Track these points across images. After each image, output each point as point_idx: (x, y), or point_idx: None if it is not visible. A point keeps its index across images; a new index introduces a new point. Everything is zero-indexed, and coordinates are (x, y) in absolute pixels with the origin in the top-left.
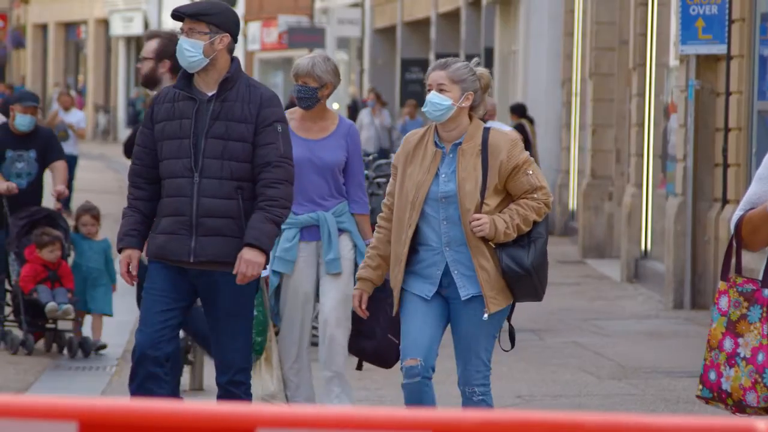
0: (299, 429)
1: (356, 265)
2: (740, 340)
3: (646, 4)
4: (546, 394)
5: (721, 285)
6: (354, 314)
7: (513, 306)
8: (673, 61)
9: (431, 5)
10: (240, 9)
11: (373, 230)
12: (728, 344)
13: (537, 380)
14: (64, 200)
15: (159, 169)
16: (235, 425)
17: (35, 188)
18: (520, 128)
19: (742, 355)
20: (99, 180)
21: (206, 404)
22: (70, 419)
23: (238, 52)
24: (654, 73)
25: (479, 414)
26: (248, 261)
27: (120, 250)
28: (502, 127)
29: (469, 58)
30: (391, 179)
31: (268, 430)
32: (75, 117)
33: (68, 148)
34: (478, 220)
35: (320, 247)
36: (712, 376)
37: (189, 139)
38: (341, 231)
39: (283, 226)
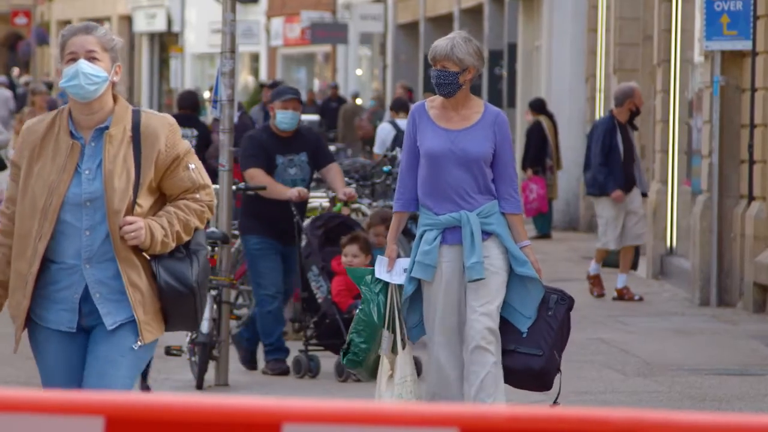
0: (325, 424)
1: (511, 271)
2: None
3: (670, 0)
4: (571, 391)
5: None
6: (512, 332)
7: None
8: (697, 57)
9: (454, 1)
10: (263, 5)
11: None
12: None
13: (562, 377)
14: None
15: None
16: (261, 420)
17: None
18: (536, 125)
19: None
20: None
21: (232, 399)
22: (97, 414)
23: (261, 48)
24: (678, 69)
25: (506, 410)
26: None
27: None
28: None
29: (492, 54)
30: (10, 182)
31: (294, 425)
32: None
33: None
34: (131, 224)
35: (462, 250)
36: None
37: None
38: (489, 234)
39: (423, 228)
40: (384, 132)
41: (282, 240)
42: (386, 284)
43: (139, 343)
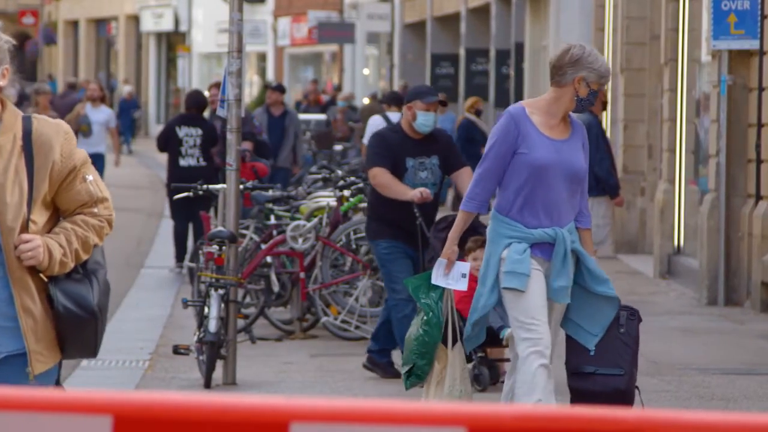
0: (333, 423)
1: (576, 287)
2: None
3: None
4: None
5: None
6: (581, 352)
7: (60, 364)
8: (705, 57)
9: (461, 0)
10: (270, 5)
11: None
12: None
13: None
14: None
15: None
16: (269, 419)
17: (436, 200)
18: None
19: None
20: (130, 175)
21: (240, 398)
22: (105, 413)
23: (268, 48)
24: (686, 69)
25: (514, 409)
26: None
27: None
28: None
29: (499, 53)
30: None
31: (303, 424)
32: (103, 114)
33: (93, 146)
34: (27, 242)
35: (549, 269)
36: None
37: None
38: (572, 251)
39: (508, 240)
40: (375, 124)
41: (409, 242)
42: (444, 289)
43: (29, 374)
